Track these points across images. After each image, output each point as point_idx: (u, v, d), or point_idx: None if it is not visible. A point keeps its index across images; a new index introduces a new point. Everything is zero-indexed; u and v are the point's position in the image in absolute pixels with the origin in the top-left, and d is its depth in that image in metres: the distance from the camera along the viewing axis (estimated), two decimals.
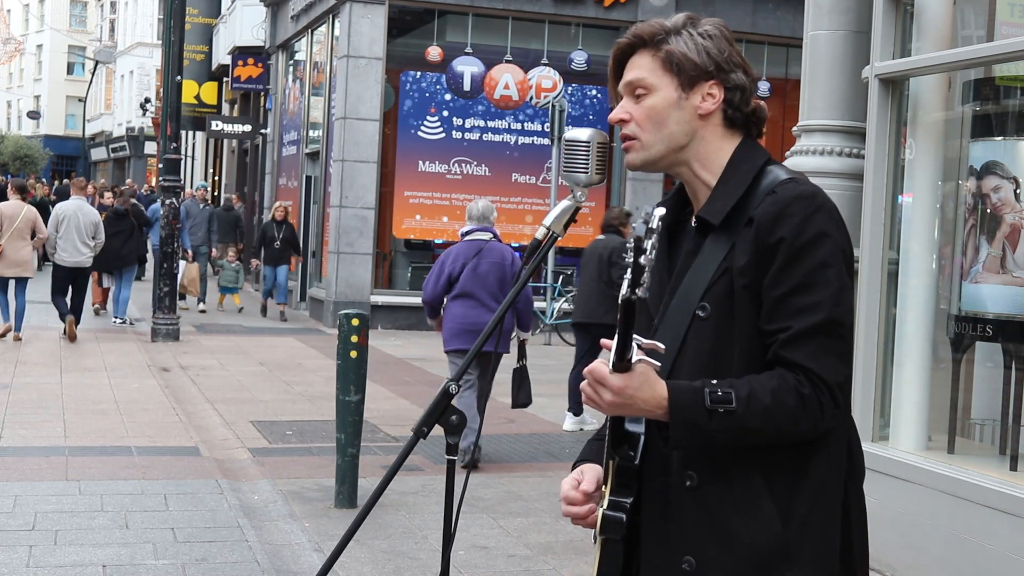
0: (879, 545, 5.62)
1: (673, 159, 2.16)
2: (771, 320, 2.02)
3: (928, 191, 5.92)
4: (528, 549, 5.96)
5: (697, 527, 2.05)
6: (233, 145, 30.66)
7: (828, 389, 2.00)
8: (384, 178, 17.02)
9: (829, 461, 2.07)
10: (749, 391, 1.97)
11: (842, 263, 2.05)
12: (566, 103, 16.21)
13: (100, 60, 53.23)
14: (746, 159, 2.13)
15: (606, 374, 1.94)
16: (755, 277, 2.03)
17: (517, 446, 8.62)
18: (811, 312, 2.00)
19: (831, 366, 2.01)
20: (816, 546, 2.04)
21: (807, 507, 2.03)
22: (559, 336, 15.61)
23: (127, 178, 47.53)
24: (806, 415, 1.99)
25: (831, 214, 2.06)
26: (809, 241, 2.01)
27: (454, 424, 2.25)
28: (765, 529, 2.01)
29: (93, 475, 7.19)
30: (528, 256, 2.26)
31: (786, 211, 2.02)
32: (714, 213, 2.09)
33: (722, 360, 2.04)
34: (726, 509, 2.03)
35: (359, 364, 6.58)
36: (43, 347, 13.01)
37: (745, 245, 2.04)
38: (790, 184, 2.07)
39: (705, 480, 2.04)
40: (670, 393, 1.96)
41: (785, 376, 1.99)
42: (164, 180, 15.12)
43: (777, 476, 2.03)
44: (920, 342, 5.86)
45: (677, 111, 2.12)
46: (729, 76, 2.13)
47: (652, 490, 2.10)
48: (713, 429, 1.96)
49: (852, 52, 6.42)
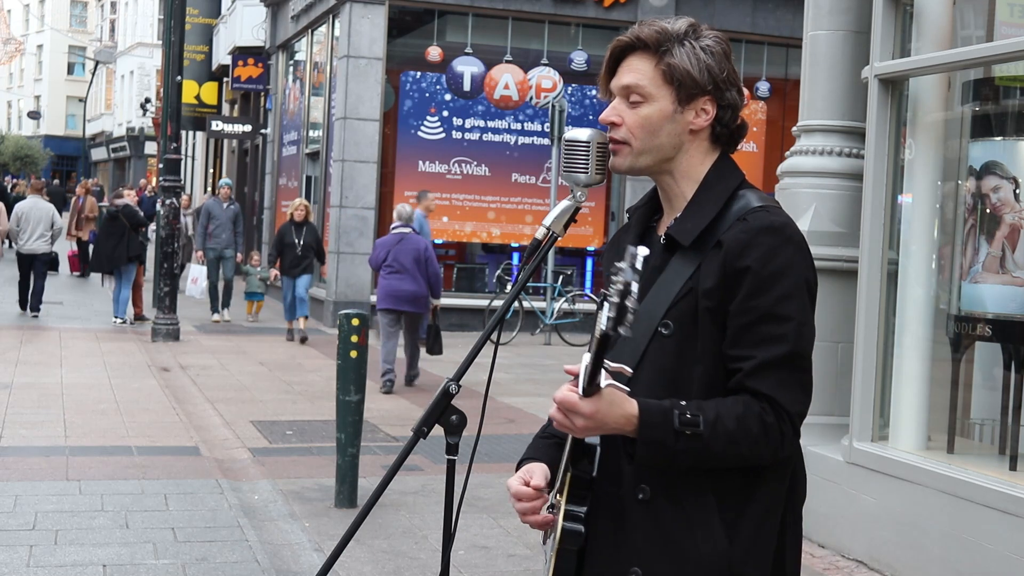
0: (879, 545, 5.64)
1: (658, 168, 2.19)
2: (735, 346, 2.06)
3: (928, 191, 5.92)
4: (528, 549, 5.97)
5: (647, 540, 2.09)
6: (233, 145, 30.65)
7: (790, 419, 2.06)
8: (384, 178, 17.02)
9: (776, 485, 2.13)
10: (715, 415, 2.01)
11: (806, 296, 2.09)
12: (566, 103, 16.22)
13: (100, 60, 53.24)
14: (721, 179, 2.17)
15: (576, 401, 1.98)
16: (720, 301, 2.07)
17: (517, 446, 8.63)
18: (775, 344, 2.04)
19: (794, 396, 2.06)
20: (757, 564, 2.10)
21: (753, 527, 2.09)
22: (559, 336, 15.61)
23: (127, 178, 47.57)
24: (767, 442, 2.04)
25: (799, 247, 2.10)
26: (775, 272, 2.05)
27: (454, 424, 2.25)
28: (713, 546, 2.06)
29: (93, 475, 7.19)
30: (528, 256, 2.27)
31: (755, 240, 2.06)
32: (684, 234, 2.13)
33: (682, 378, 2.08)
34: (677, 524, 2.08)
35: (359, 364, 6.59)
36: (43, 347, 13.01)
37: (712, 268, 2.08)
38: (761, 213, 2.10)
39: (657, 494, 2.09)
40: (640, 412, 2.00)
41: (750, 404, 2.04)
42: (164, 180, 15.13)
43: (728, 496, 2.08)
44: (920, 342, 5.87)
45: (670, 124, 2.15)
46: (724, 94, 2.15)
47: (604, 501, 2.15)
48: (679, 450, 2.00)
49: (852, 52, 6.42)
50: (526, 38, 17.31)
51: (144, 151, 48.58)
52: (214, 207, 16.73)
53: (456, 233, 17.43)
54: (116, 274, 15.64)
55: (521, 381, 11.94)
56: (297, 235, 14.42)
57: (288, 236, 14.44)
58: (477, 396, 2.35)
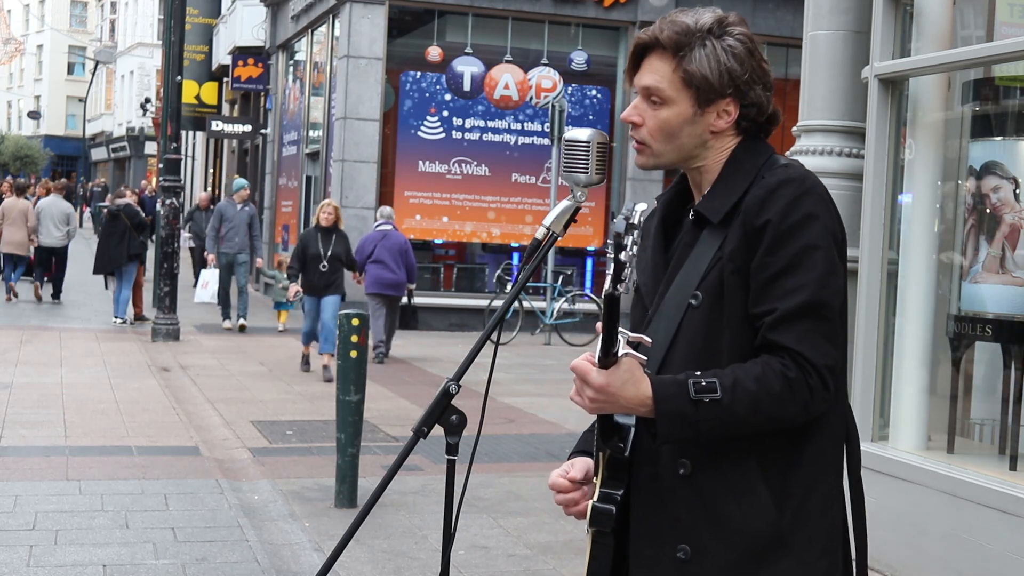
0: (879, 545, 5.62)
1: (683, 164, 2.18)
2: (758, 303, 2.01)
3: (928, 191, 5.92)
4: (528, 549, 5.97)
5: (691, 515, 2.04)
6: (233, 145, 30.66)
7: (816, 371, 1.97)
8: (384, 178, 17.02)
9: (824, 447, 2.07)
10: (733, 379, 1.95)
11: (831, 245, 2.02)
12: (566, 103, 16.22)
13: (100, 60, 53.22)
14: (750, 156, 2.13)
15: (589, 369, 1.94)
16: (744, 261, 2.02)
17: (517, 446, 8.63)
18: (796, 293, 1.97)
19: (818, 348, 1.97)
20: (811, 533, 2.04)
21: (801, 493, 2.03)
22: (559, 336, 15.61)
23: (127, 179, 47.58)
24: (794, 399, 1.96)
25: (820, 197, 2.04)
26: (796, 223, 2.00)
27: (454, 424, 2.25)
28: (760, 515, 2.00)
29: (93, 475, 7.19)
30: (528, 256, 2.26)
31: (773, 194, 2.02)
32: (712, 211, 2.10)
33: (712, 348, 2.04)
34: (721, 495, 2.02)
35: (359, 364, 6.59)
36: (43, 347, 13.01)
37: (735, 232, 2.04)
38: (780, 169, 2.07)
39: (699, 467, 2.04)
40: (654, 388, 1.95)
41: (770, 362, 1.97)
42: (164, 180, 15.13)
43: (771, 461, 2.02)
44: (920, 342, 5.87)
45: (690, 126, 2.12)
46: (747, 94, 2.11)
47: (642, 481, 2.09)
48: (700, 419, 1.94)
49: (852, 52, 6.42)
50: (526, 38, 17.31)
51: (144, 151, 48.59)
52: (227, 208, 15.66)
53: (456, 233, 17.42)
54: (117, 274, 15.64)
55: (521, 381, 11.94)
56: (324, 244, 11.67)
57: (312, 245, 11.67)
58: (477, 396, 2.35)
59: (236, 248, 15.49)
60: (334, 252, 11.70)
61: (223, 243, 15.48)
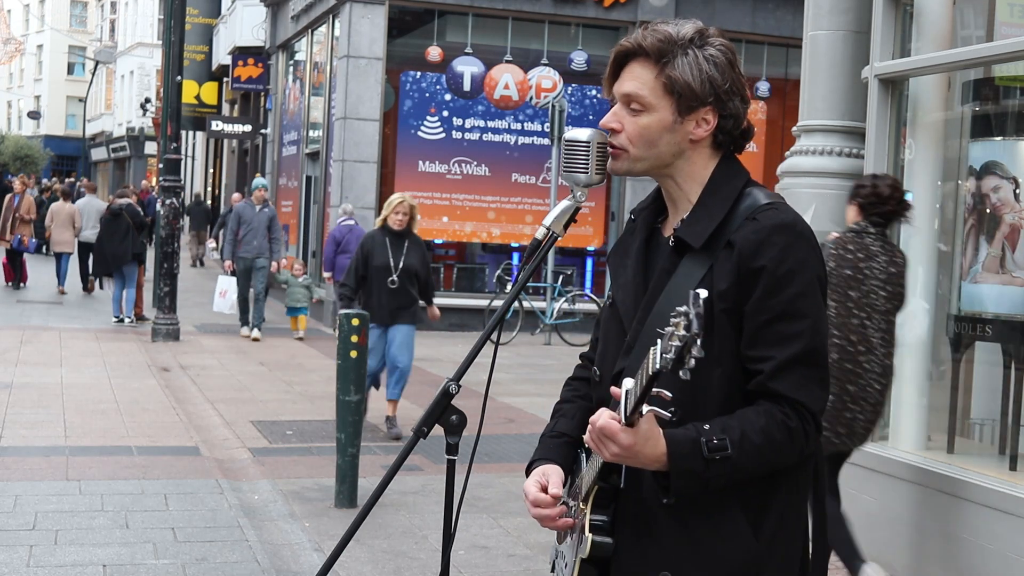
0: (879, 545, 5.64)
1: (658, 172, 2.21)
2: (753, 346, 2.07)
3: (928, 191, 5.92)
4: (528, 549, 5.97)
5: (675, 543, 2.10)
6: (233, 145, 30.67)
7: (812, 417, 2.08)
8: (384, 178, 17.02)
9: (799, 478, 2.15)
10: (741, 434, 2.02)
11: (818, 291, 2.12)
12: (566, 103, 16.22)
13: (100, 60, 53.22)
14: (727, 180, 2.17)
15: (617, 430, 1.97)
16: (736, 302, 2.08)
17: (517, 446, 8.63)
18: (792, 342, 2.06)
19: (814, 395, 2.08)
20: (783, 559, 2.12)
21: (776, 521, 2.11)
22: (559, 336, 15.61)
23: (127, 179, 47.58)
24: (792, 447, 2.06)
25: (810, 243, 2.12)
26: (789, 271, 2.07)
27: (454, 424, 2.25)
28: (740, 544, 2.08)
29: (93, 475, 7.19)
30: (528, 256, 2.27)
31: (768, 239, 2.07)
32: (694, 236, 2.13)
33: (702, 381, 2.06)
34: (703, 525, 2.08)
35: (359, 364, 6.59)
36: (43, 347, 13.01)
37: (726, 269, 2.08)
38: (771, 211, 2.11)
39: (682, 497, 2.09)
40: (669, 447, 2.00)
41: (772, 412, 2.05)
42: (164, 180, 15.13)
43: (751, 493, 2.10)
44: (920, 342, 5.87)
45: (670, 134, 2.15)
46: (726, 105, 2.15)
47: (628, 507, 2.15)
48: (711, 476, 2.01)
49: (852, 52, 6.42)
50: (526, 38, 17.31)
51: (144, 151, 48.57)
52: (245, 210, 14.66)
53: (456, 233, 17.43)
54: (118, 273, 15.65)
55: (521, 381, 11.94)
56: (394, 254, 8.66)
57: (379, 255, 8.65)
58: (477, 396, 2.35)
59: (255, 252, 14.61)
60: (407, 263, 8.64)
61: (241, 246, 14.64)
